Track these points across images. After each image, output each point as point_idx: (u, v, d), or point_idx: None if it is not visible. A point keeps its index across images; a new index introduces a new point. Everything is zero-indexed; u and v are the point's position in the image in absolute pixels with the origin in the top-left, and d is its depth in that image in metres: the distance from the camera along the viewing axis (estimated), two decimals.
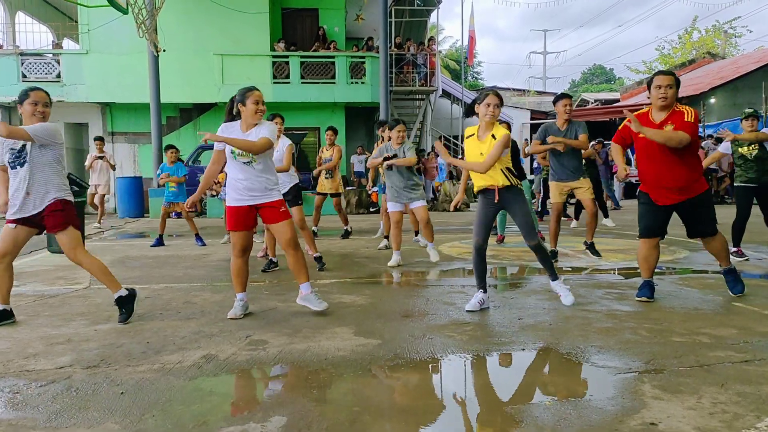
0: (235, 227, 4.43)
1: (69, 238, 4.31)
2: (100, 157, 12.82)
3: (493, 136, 4.45)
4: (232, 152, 4.35)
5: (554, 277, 4.78)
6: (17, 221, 4.28)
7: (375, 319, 4.34)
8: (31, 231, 4.37)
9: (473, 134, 4.61)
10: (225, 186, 8.90)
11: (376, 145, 8.25)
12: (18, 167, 4.25)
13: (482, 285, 4.63)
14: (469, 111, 4.67)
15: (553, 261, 6.71)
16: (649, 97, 4.72)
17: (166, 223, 9.41)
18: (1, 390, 3.01)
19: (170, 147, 9.63)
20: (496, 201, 4.56)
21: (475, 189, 4.68)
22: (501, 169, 4.50)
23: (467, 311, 4.50)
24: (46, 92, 4.40)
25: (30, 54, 17.79)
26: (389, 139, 7.02)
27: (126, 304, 4.40)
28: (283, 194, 6.66)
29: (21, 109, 4.30)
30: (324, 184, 9.39)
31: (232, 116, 4.49)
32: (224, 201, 9.19)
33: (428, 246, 6.94)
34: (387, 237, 8.30)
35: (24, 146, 4.24)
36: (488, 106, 4.43)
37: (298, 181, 6.86)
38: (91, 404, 2.80)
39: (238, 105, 4.39)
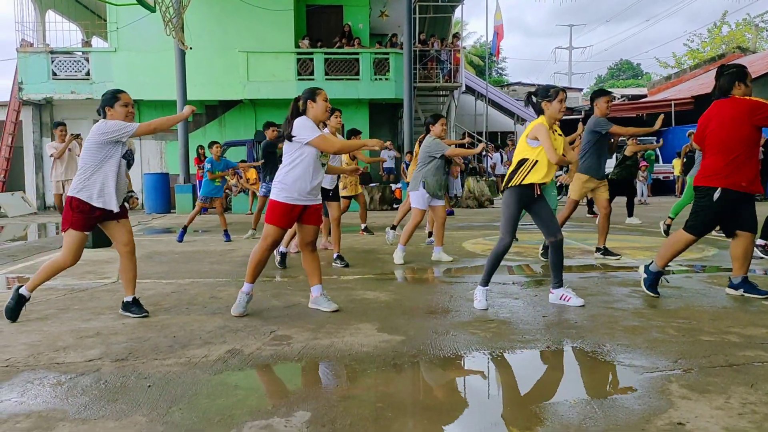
0: (285, 225, 4.43)
1: (131, 226, 4.57)
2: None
3: (559, 133, 4.56)
4: (319, 154, 4.41)
5: (560, 284, 4.68)
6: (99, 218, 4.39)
7: (398, 316, 4.34)
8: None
9: (555, 131, 4.56)
10: (264, 182, 8.91)
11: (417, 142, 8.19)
12: (127, 165, 4.42)
13: (489, 281, 4.60)
14: (532, 103, 4.62)
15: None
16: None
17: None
18: (31, 382, 3.07)
19: (215, 142, 9.73)
20: (537, 195, 4.51)
21: (533, 180, 4.44)
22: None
23: (481, 310, 4.46)
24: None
25: (60, 52, 18.10)
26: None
27: (132, 305, 4.49)
28: (329, 189, 6.73)
29: (110, 111, 4.33)
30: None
31: (298, 114, 4.45)
32: (263, 197, 9.16)
33: (436, 250, 6.99)
34: (431, 234, 8.28)
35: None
36: (561, 102, 4.47)
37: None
38: (119, 397, 2.85)
39: (308, 102, 4.42)
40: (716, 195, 4.56)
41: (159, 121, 4.38)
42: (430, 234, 8.36)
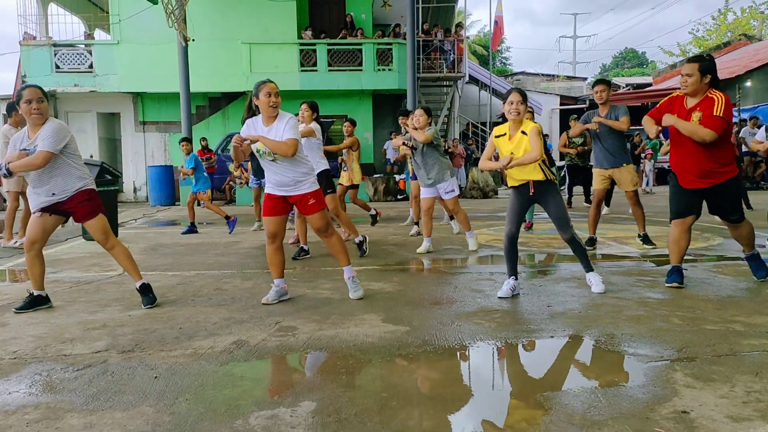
0: (266, 213, 4.53)
1: (99, 226, 4.46)
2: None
3: (522, 132, 4.44)
4: (257, 150, 4.38)
5: (589, 269, 4.73)
6: (42, 210, 4.38)
7: (403, 306, 4.36)
8: (58, 219, 4.48)
9: (504, 133, 4.54)
10: (253, 174, 8.95)
11: (392, 136, 8.29)
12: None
13: (513, 272, 4.62)
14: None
15: (591, 248, 6.69)
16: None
17: (195, 211, 9.56)
18: (39, 374, 3.10)
19: (183, 140, 9.73)
20: (531, 194, 4.52)
21: (510, 184, 4.66)
22: (538, 163, 4.46)
23: (499, 297, 4.50)
24: (39, 87, 4.34)
25: (63, 45, 18.09)
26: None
27: (148, 292, 4.53)
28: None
29: (20, 110, 4.28)
30: (343, 176, 9.27)
31: (252, 112, 4.48)
32: (254, 188, 9.23)
33: (467, 234, 7.02)
34: (417, 223, 8.32)
35: (36, 147, 4.23)
36: (511, 103, 4.40)
37: (327, 167, 6.78)
38: (126, 388, 2.87)
39: (254, 99, 4.39)
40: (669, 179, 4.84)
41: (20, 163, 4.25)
42: (417, 223, 8.38)
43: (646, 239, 6.79)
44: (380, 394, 2.76)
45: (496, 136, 4.59)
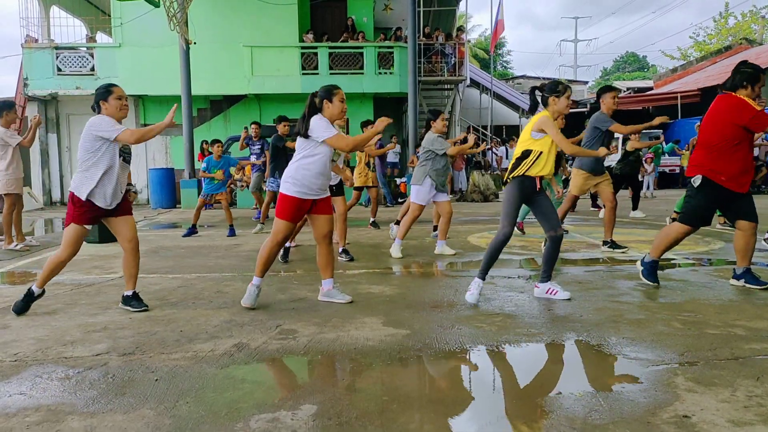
0: (296, 219, 4.45)
1: (134, 222, 4.56)
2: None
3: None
4: (332, 152, 4.46)
5: (547, 278, 4.67)
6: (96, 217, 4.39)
7: (404, 310, 4.35)
8: None
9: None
10: (272, 176, 8.95)
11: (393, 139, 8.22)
12: (124, 161, 4.40)
13: (486, 273, 4.56)
14: (536, 104, 4.62)
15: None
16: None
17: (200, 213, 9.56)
18: (40, 376, 3.10)
19: (216, 141, 9.74)
20: (538, 188, 4.50)
21: (533, 173, 4.44)
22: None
23: (471, 304, 4.45)
24: None
25: (65, 48, 18.11)
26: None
27: (138, 299, 4.51)
28: (334, 185, 6.71)
29: (104, 105, 4.29)
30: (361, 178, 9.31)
31: (314, 111, 4.43)
32: (270, 191, 9.18)
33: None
34: (435, 227, 8.26)
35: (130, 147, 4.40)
36: (568, 98, 4.51)
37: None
38: (127, 390, 2.87)
39: (324, 101, 4.42)
40: (697, 182, 4.69)
41: (144, 131, 4.41)
42: (435, 228, 8.35)
43: (614, 245, 6.87)
44: (381, 398, 2.75)
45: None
